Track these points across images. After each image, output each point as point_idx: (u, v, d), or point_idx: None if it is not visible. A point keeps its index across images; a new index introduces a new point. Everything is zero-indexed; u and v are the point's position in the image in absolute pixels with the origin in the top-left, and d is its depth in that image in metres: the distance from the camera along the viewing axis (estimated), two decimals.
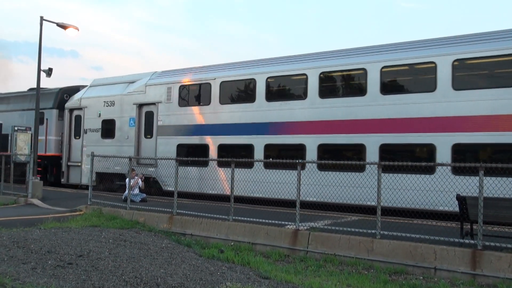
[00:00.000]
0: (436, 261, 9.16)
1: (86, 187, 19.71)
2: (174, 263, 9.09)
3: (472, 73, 14.47)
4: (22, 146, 20.88)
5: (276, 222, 11.74)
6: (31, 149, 20.67)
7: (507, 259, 8.58)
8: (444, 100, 14.08)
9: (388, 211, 11.40)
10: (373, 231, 10.23)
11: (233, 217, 12.24)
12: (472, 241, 9.27)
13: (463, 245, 9.30)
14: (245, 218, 12.17)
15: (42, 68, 21.09)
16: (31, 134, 21.07)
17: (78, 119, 23.59)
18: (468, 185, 10.59)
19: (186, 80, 19.89)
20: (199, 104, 19.45)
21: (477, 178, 9.24)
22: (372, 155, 14.89)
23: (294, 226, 11.23)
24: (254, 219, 12.12)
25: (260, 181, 15.65)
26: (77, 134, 23.58)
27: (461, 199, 9.63)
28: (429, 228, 11.52)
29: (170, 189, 16.21)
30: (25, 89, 28.41)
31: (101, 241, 10.77)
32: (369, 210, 14.00)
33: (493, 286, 8.38)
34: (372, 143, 15.10)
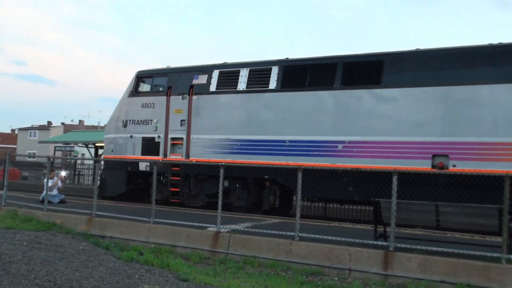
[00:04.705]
0: (350, 262, 9.47)
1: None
2: (90, 266, 8.90)
3: None
4: None
5: (198, 224, 11.73)
6: None
7: (416, 260, 9.01)
8: None
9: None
10: (292, 233, 10.44)
11: (154, 219, 12.11)
12: (385, 243, 9.66)
13: (376, 246, 9.67)
14: (166, 221, 12.07)
15: None
16: None
17: None
18: None
19: None
20: None
21: None
22: None
23: (215, 229, 11.27)
24: (175, 221, 12.05)
25: None
26: None
27: (375, 203, 10.04)
28: (346, 231, 11.91)
29: None
30: None
31: (14, 243, 10.39)
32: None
33: (403, 285, 8.76)
34: None
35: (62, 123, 77.59)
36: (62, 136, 49.76)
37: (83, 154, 47.72)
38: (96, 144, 32.78)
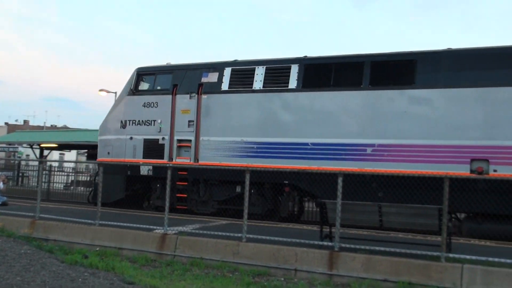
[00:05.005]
0: (296, 263, 9.58)
1: None
2: (32, 270, 8.67)
3: None
4: None
5: (144, 226, 11.60)
6: None
7: (360, 260, 9.21)
8: None
9: None
10: (239, 235, 10.47)
11: (100, 222, 11.91)
12: (330, 243, 9.82)
13: (322, 247, 9.81)
14: (112, 223, 11.91)
15: None
16: None
17: None
18: None
19: None
20: None
21: None
22: None
23: (162, 231, 11.18)
24: (122, 224, 11.89)
25: None
26: None
27: (321, 204, 10.19)
28: (294, 232, 12.03)
29: None
30: None
31: None
32: (238, 214, 13.74)
33: (347, 285, 8.95)
34: None
35: (6, 123, 74.96)
36: (6, 136, 48.08)
37: (27, 155, 46.36)
38: (42, 145, 31.90)
